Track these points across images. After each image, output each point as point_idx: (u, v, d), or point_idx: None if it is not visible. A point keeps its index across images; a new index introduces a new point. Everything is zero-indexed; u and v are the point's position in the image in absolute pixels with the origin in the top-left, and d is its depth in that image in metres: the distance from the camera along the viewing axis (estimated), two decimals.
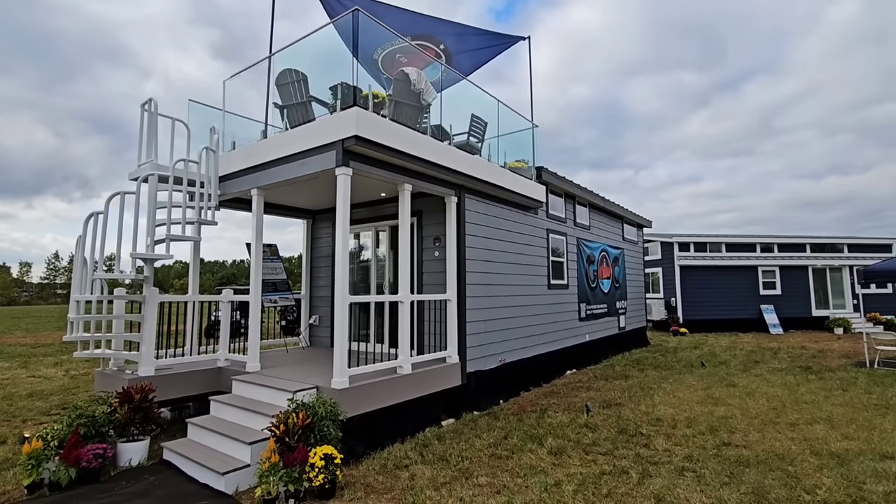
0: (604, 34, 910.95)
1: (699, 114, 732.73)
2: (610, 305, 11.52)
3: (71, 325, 5.37)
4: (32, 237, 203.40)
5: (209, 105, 6.97)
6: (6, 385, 8.51)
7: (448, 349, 6.32)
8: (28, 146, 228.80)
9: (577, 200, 10.36)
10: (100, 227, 5.33)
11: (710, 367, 9.59)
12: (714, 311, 17.51)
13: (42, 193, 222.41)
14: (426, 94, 6.23)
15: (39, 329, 20.99)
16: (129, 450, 4.62)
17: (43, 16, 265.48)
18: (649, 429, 5.48)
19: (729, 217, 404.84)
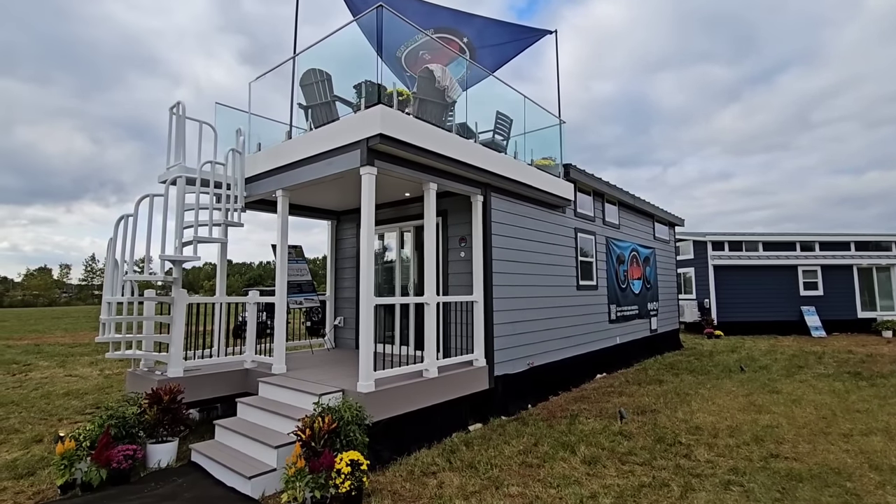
0: (627, 29, 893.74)
1: (730, 108, 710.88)
2: (641, 307, 11.14)
3: (103, 327, 5.45)
4: (72, 240, 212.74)
5: (235, 108, 7.02)
6: (45, 384, 8.78)
7: (475, 352, 6.16)
8: (68, 153, 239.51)
9: (606, 198, 10.04)
10: (130, 230, 5.39)
11: (749, 372, 9.14)
12: (751, 312, 16.80)
13: (80, 198, 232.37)
14: (451, 91, 6.09)
15: (77, 329, 21.80)
16: (159, 451, 4.64)
17: (80, 27, 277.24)
18: (689, 438, 5.20)
19: (762, 214, 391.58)
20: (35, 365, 11.03)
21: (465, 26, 8.49)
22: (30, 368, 10.54)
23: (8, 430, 5.82)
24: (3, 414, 6.59)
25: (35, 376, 9.60)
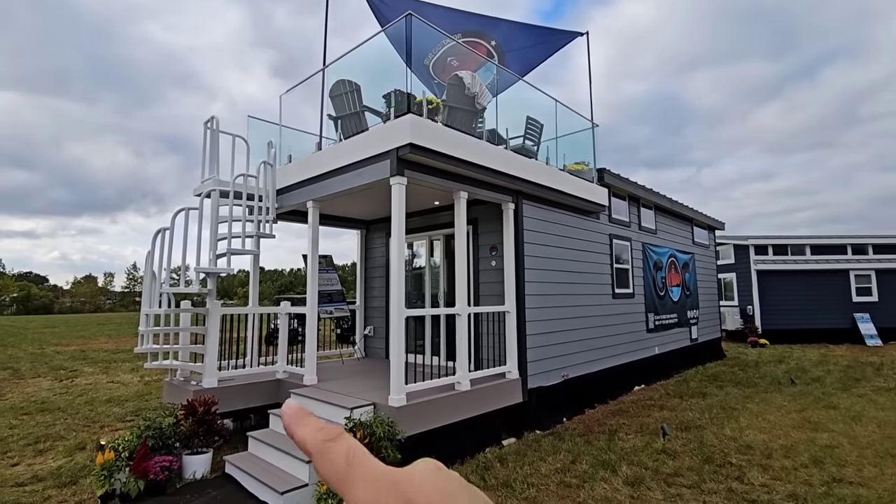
0: (658, 28, 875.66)
1: (769, 105, 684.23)
2: (680, 315, 10.68)
3: (141, 338, 5.57)
4: (116, 249, 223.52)
5: (267, 121, 7.12)
6: (89, 390, 9.09)
7: (507, 364, 5.99)
8: (112, 167, 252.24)
9: (642, 203, 9.70)
10: (167, 242, 5.49)
11: (801, 385, 8.59)
12: (798, 319, 15.90)
13: (124, 209, 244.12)
14: (481, 98, 5.99)
15: (120, 334, 22.69)
16: (194, 462, 4.67)
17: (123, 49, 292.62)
18: (739, 458, 4.87)
19: (806, 216, 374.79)
20: (80, 371, 11.48)
21: (491, 30, 8.39)
22: (76, 374, 10.96)
23: (54, 437, 6.01)
24: (51, 420, 6.82)
25: (80, 382, 9.96)
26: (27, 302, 78.87)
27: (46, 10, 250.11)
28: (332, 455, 0.29)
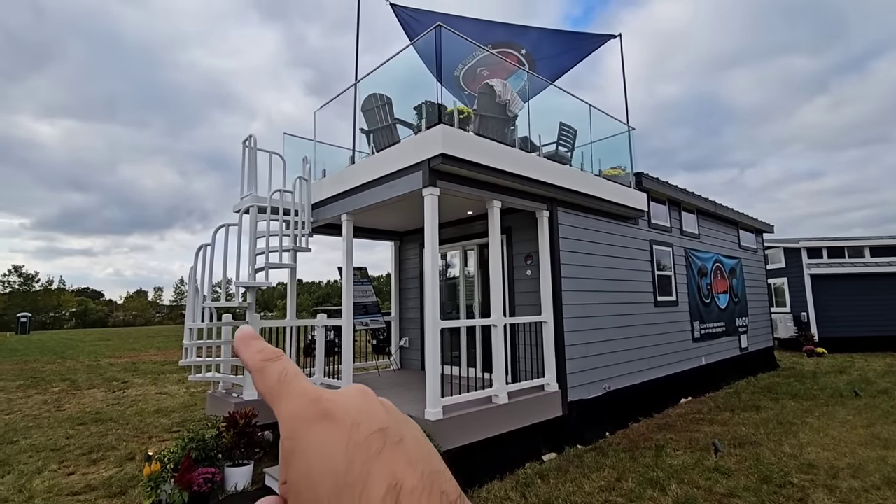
0: (693, 28, 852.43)
1: (815, 101, 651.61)
2: (728, 323, 10.15)
3: (185, 351, 5.74)
4: (164, 265, 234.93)
5: (302, 137, 7.30)
6: (139, 401, 9.47)
7: (546, 376, 5.82)
8: (160, 186, 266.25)
9: (683, 207, 9.33)
10: (208, 258, 5.67)
11: (866, 398, 7.96)
12: (859, 327, 14.83)
13: (171, 227, 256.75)
14: (512, 105, 5.92)
15: (168, 347, 23.68)
16: (235, 474, 4.74)
17: (171, 74, 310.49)
18: (801, 478, 4.52)
19: (862, 215, 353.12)
20: (131, 382, 12.00)
21: (521, 39, 8.34)
22: (127, 386, 11.46)
23: (106, 447, 6.26)
24: (103, 431, 7.12)
25: (131, 393, 10.40)
26: (85, 316, 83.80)
27: (98, 42, 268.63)
28: (267, 373, 0.31)
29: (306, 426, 0.28)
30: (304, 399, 0.29)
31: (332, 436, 0.27)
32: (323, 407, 0.29)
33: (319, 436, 0.28)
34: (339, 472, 0.26)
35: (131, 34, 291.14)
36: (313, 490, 0.26)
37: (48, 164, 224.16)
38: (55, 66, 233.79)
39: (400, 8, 8.15)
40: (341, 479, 0.26)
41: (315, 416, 0.28)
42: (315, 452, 0.27)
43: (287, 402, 0.29)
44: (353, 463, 0.26)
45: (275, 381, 0.31)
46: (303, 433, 0.28)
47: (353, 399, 0.30)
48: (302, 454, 0.27)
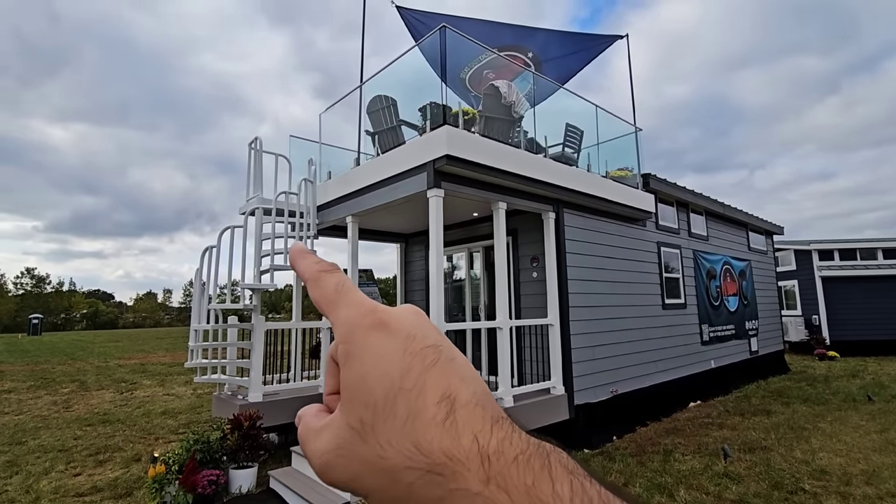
0: (701, 28, 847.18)
1: (826, 101, 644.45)
2: (738, 326, 10.02)
3: (191, 353, 5.75)
4: (174, 267, 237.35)
5: (307, 139, 7.32)
6: (147, 402, 9.52)
7: (552, 379, 5.77)
8: (170, 189, 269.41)
9: (691, 208, 9.23)
10: (214, 260, 5.69)
11: (880, 403, 7.81)
12: (872, 330, 14.58)
13: (180, 229, 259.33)
14: (518, 107, 5.90)
15: (176, 349, 23.84)
16: (240, 476, 4.73)
17: (181, 78, 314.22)
18: (813, 484, 4.43)
19: (874, 217, 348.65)
20: (140, 384, 12.08)
21: (528, 41, 8.31)
22: (135, 387, 11.54)
23: (113, 448, 6.29)
24: (110, 432, 7.16)
25: (139, 395, 10.47)
26: (95, 318, 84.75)
27: (110, 47, 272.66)
28: (324, 283, 0.32)
29: (363, 333, 0.29)
30: (361, 308, 0.30)
31: (388, 344, 0.29)
32: (379, 317, 0.30)
33: (376, 343, 0.29)
34: (395, 377, 0.27)
35: (144, 39, 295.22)
36: (369, 393, 0.27)
37: (60, 168, 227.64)
38: (69, 72, 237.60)
39: (406, 10, 8.16)
40: (397, 384, 0.27)
41: (372, 324, 0.29)
42: (371, 358, 0.28)
43: (344, 310, 0.30)
44: (409, 370, 0.27)
45: (332, 290, 0.32)
46: (359, 339, 0.29)
47: (408, 315, 0.31)
48: (358, 359, 0.28)
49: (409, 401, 0.27)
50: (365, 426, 0.27)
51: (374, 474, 0.27)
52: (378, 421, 0.27)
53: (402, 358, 0.28)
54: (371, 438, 0.27)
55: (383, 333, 0.29)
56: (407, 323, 0.30)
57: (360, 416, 0.28)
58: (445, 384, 0.28)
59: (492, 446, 0.26)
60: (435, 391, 0.27)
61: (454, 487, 0.25)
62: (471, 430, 0.26)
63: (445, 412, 0.27)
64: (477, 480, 0.25)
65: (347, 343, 0.29)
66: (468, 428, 0.26)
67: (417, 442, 0.26)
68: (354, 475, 0.27)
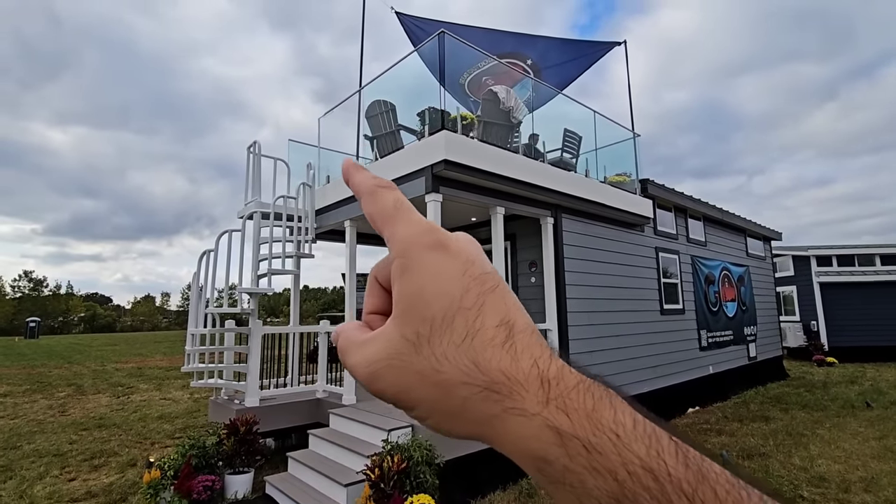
0: (700, 35, 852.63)
1: (825, 108, 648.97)
2: (736, 331, 10.02)
3: (188, 357, 5.73)
4: (172, 270, 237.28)
5: (306, 143, 7.33)
6: (143, 406, 9.47)
7: None
8: (170, 193, 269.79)
9: (690, 214, 9.25)
10: (211, 264, 5.67)
11: (878, 409, 7.80)
12: (870, 336, 14.59)
13: (179, 233, 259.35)
14: (516, 112, 5.91)
15: (174, 352, 23.75)
16: (236, 482, 4.70)
17: (181, 82, 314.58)
18: (812, 491, 4.41)
19: (872, 223, 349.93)
20: (136, 388, 12.02)
21: (528, 49, 8.35)
22: (132, 391, 11.49)
23: (108, 452, 6.25)
24: (106, 436, 7.12)
25: (135, 399, 10.42)
26: (93, 321, 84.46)
27: (112, 51, 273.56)
28: (382, 197, 0.32)
29: (421, 250, 0.29)
30: (420, 227, 0.30)
31: (447, 264, 0.29)
32: (439, 237, 0.30)
33: (435, 261, 0.29)
34: (455, 296, 0.28)
35: (145, 43, 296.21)
36: (427, 308, 0.28)
37: (60, 171, 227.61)
38: (70, 75, 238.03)
39: (405, 16, 8.20)
40: (456, 302, 0.28)
41: (432, 243, 0.29)
42: (429, 274, 0.28)
43: (403, 226, 0.30)
44: (468, 291, 0.28)
45: (391, 205, 0.31)
46: (418, 256, 0.29)
47: (467, 241, 0.31)
48: (415, 273, 0.29)
49: (467, 320, 0.27)
50: (421, 339, 0.28)
51: (427, 386, 0.27)
52: (435, 335, 0.27)
53: (462, 279, 0.28)
54: (426, 351, 0.27)
55: (443, 253, 0.29)
56: (465, 248, 0.30)
57: (416, 329, 0.28)
58: (504, 310, 0.28)
59: (552, 372, 0.26)
60: (494, 315, 0.28)
61: (511, 406, 0.25)
62: (530, 355, 0.27)
63: (504, 335, 0.27)
64: (535, 402, 0.25)
65: (405, 258, 0.29)
66: (527, 353, 0.27)
67: (476, 360, 0.26)
68: (405, 386, 0.28)
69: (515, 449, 0.26)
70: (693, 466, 0.23)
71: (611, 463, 0.23)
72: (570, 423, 0.25)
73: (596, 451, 0.24)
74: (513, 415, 0.25)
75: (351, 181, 0.34)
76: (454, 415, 0.27)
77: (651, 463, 0.23)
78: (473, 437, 0.27)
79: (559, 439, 0.24)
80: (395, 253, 0.30)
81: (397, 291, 0.29)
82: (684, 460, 0.23)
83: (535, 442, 0.25)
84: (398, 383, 0.28)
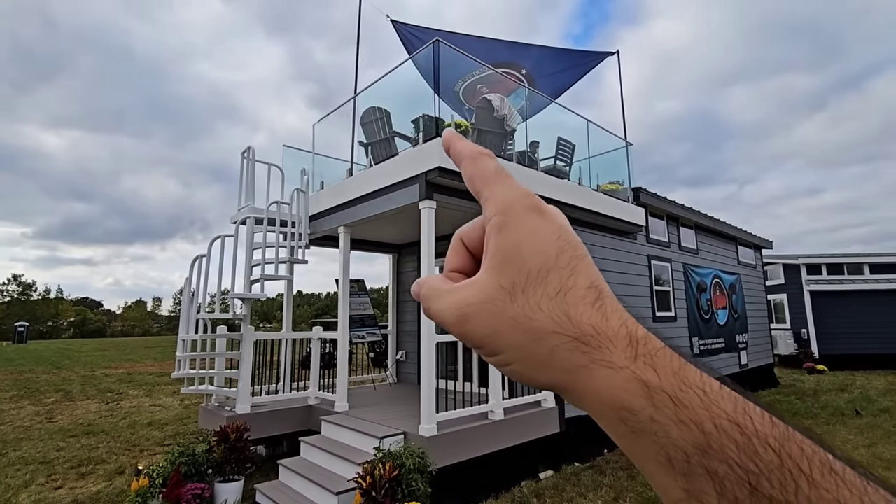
0: (693, 46, 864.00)
1: (814, 118, 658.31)
2: (728, 339, 10.09)
3: (178, 363, 5.68)
4: (164, 275, 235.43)
5: (301, 149, 7.33)
6: (132, 413, 9.36)
7: (542, 392, 5.75)
8: (163, 197, 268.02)
9: (682, 222, 9.33)
10: (203, 269, 5.65)
11: (868, 417, 7.87)
12: (859, 344, 14.74)
13: (173, 237, 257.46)
14: (510, 120, 5.96)
15: (165, 358, 23.51)
16: (225, 490, 4.65)
17: (177, 86, 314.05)
18: None
19: (861, 232, 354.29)
20: (126, 394, 11.88)
21: (522, 58, 8.42)
22: (121, 397, 11.35)
23: (96, 460, 6.17)
24: (94, 443, 7.02)
25: (125, 405, 10.29)
26: (83, 326, 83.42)
27: (107, 55, 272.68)
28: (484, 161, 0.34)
29: (521, 210, 0.31)
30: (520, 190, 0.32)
31: (543, 226, 0.31)
32: (536, 202, 0.32)
33: (532, 222, 0.31)
34: (551, 255, 0.30)
35: (141, 47, 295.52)
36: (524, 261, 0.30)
37: (52, 174, 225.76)
38: (65, 78, 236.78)
39: (400, 24, 8.25)
40: (552, 261, 0.30)
41: (529, 206, 0.31)
42: (527, 233, 0.30)
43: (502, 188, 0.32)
44: (563, 253, 0.30)
45: (493, 169, 0.33)
46: (517, 214, 0.31)
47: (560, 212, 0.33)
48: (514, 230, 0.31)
49: (561, 277, 0.29)
50: (516, 288, 0.29)
51: (518, 332, 0.29)
52: (530, 287, 0.29)
53: (557, 241, 0.30)
54: (521, 299, 0.29)
55: (539, 216, 0.31)
56: (559, 216, 0.32)
57: (512, 279, 0.30)
58: (594, 275, 0.30)
59: (639, 333, 0.28)
60: (585, 277, 0.29)
61: (599, 358, 0.27)
62: (619, 317, 0.28)
63: (594, 296, 0.29)
64: (623, 357, 0.27)
65: (504, 215, 0.31)
66: (616, 315, 0.28)
67: (567, 312, 0.28)
68: (496, 329, 0.29)
69: (599, 398, 0.27)
70: (780, 426, 0.24)
71: (697, 416, 0.24)
72: (657, 378, 0.26)
73: (682, 404, 0.25)
74: (601, 366, 0.27)
75: (452, 147, 0.36)
76: (540, 362, 0.28)
77: (738, 418, 0.24)
78: (555, 386, 0.29)
79: (646, 391, 0.26)
80: (493, 211, 0.32)
81: (494, 245, 0.31)
82: (770, 420, 0.24)
83: (621, 391, 0.26)
84: (489, 326, 0.30)
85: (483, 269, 0.32)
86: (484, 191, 0.33)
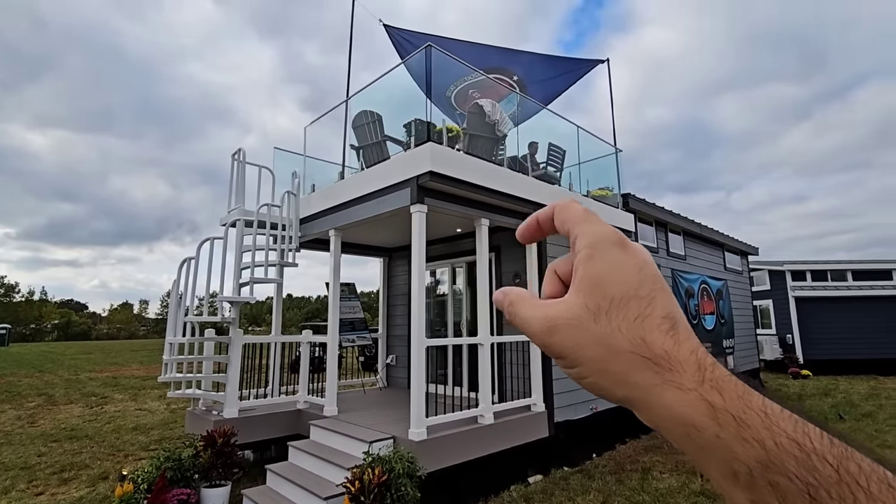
0: (683, 54, 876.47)
1: (801, 127, 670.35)
2: (715, 344, 10.20)
3: (165, 366, 5.61)
4: (152, 277, 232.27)
5: (292, 151, 7.31)
6: (117, 417, 9.21)
7: (532, 396, 5.77)
8: (151, 198, 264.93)
9: (670, 228, 9.44)
10: (192, 272, 5.59)
11: (850, 421, 8.00)
12: (843, 349, 14.98)
13: (160, 239, 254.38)
14: (501, 125, 6.00)
15: (151, 361, 23.16)
16: (212, 495, 4.59)
17: (167, 87, 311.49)
18: None
19: (846, 239, 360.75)
20: (111, 398, 11.68)
21: (514, 64, 8.49)
22: (106, 401, 11.15)
23: (79, 465, 6.06)
24: (77, 448, 6.90)
25: (109, 409, 10.12)
26: (67, 328, 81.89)
27: (97, 55, 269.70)
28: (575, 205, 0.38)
29: (608, 245, 0.35)
30: (608, 228, 0.36)
31: (627, 259, 0.34)
32: (622, 238, 0.35)
33: (617, 254, 0.34)
34: (633, 285, 0.33)
35: (132, 47, 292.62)
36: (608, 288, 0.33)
37: (38, 174, 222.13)
38: (52, 77, 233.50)
39: (393, 29, 8.28)
40: (633, 290, 0.33)
41: (616, 241, 0.35)
42: (612, 264, 0.34)
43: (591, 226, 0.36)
44: (643, 284, 0.33)
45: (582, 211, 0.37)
46: (604, 248, 0.34)
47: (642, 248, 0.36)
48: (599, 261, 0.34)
49: (640, 306, 0.32)
50: (600, 310, 0.33)
51: (598, 348, 0.32)
52: (612, 310, 0.33)
53: (638, 274, 0.34)
54: (603, 321, 0.33)
55: (623, 250, 0.35)
56: (641, 252, 0.35)
57: (597, 302, 0.33)
58: (669, 307, 0.33)
59: (707, 361, 0.31)
60: (662, 308, 0.33)
61: (670, 379, 0.30)
62: (689, 346, 0.31)
63: (669, 325, 0.32)
64: (692, 380, 0.30)
65: (592, 248, 0.35)
66: (687, 343, 0.31)
67: (644, 336, 0.31)
68: (578, 343, 0.33)
69: (667, 413, 0.30)
70: (839, 446, 0.26)
71: (759, 434, 0.27)
72: (722, 400, 0.29)
73: (745, 424, 0.27)
74: (671, 386, 0.30)
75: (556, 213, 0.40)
76: (616, 378, 0.32)
77: (797, 437, 0.26)
78: (627, 400, 0.32)
79: (712, 411, 0.28)
80: (582, 245, 0.35)
81: (582, 272, 0.35)
82: (829, 439, 0.26)
83: (689, 409, 0.29)
84: (573, 339, 0.33)
85: (571, 291, 0.35)
86: (574, 229, 0.37)
